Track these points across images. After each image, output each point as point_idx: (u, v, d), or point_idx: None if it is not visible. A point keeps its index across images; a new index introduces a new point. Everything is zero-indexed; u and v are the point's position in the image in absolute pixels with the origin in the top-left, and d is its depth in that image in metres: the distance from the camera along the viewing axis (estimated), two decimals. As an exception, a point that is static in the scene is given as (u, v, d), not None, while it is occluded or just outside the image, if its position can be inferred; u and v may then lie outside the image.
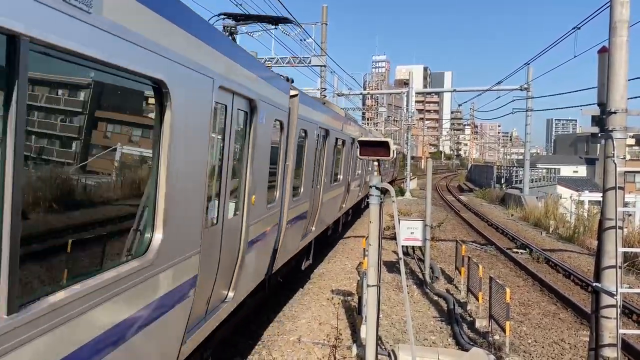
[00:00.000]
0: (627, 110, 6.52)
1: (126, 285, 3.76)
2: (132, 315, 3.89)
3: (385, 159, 6.30)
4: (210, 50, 5.12)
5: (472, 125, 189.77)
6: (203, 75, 4.91)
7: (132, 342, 3.94)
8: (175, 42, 4.28)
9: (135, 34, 3.64)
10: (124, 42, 3.51)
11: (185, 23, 4.47)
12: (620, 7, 6.49)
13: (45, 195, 3.15)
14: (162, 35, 4.05)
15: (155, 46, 3.94)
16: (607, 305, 6.46)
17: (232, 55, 5.83)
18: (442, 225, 23.97)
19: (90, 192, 3.65)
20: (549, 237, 24.60)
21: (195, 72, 4.73)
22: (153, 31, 3.90)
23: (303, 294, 12.20)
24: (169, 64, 4.16)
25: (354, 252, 17.27)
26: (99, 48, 3.24)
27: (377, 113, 76.85)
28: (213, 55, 5.19)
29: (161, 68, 4.04)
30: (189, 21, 4.59)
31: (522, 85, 36.01)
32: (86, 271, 3.46)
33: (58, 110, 3.31)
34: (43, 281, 3.08)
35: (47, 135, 3.19)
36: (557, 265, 17.18)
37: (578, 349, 9.75)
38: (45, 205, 3.15)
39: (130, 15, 3.59)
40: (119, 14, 3.45)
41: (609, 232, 6.47)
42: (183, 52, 4.43)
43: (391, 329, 10.06)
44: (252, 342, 9.04)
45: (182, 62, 4.42)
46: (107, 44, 3.33)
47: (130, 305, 3.87)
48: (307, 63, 27.79)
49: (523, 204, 35.90)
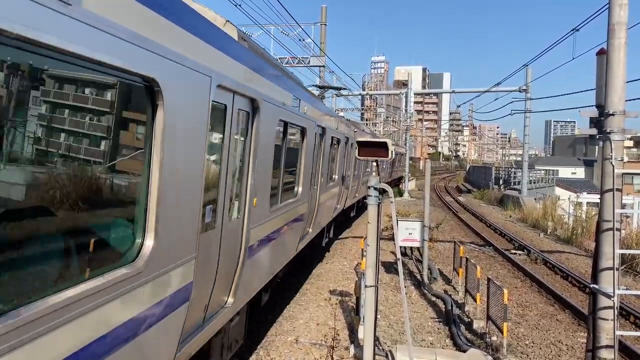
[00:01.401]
0: (625, 112, 6.53)
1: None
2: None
3: (384, 159, 6.29)
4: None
5: (471, 126, 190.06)
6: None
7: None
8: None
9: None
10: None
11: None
12: (618, 9, 6.50)
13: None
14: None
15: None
16: (605, 306, 6.46)
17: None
18: (441, 226, 23.97)
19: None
20: (547, 238, 24.63)
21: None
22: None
23: (301, 295, 12.20)
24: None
25: (352, 252, 17.28)
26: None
27: (375, 114, 76.90)
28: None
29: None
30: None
31: (520, 87, 36.01)
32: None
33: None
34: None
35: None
36: (555, 267, 17.20)
37: (575, 350, 9.77)
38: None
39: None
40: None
41: (607, 234, 6.48)
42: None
43: (389, 329, 10.06)
44: (250, 343, 9.03)
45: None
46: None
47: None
48: (306, 63, 27.81)
49: (521, 205, 35.93)
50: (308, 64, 28.93)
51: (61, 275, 3.23)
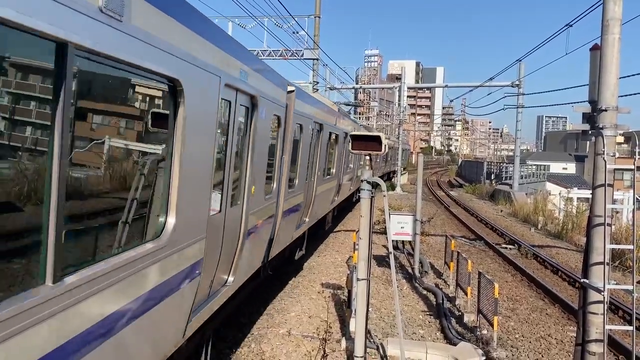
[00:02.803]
0: (618, 108, 6.55)
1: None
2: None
3: (377, 153, 6.29)
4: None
5: (463, 121, 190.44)
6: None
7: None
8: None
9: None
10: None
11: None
12: (612, 5, 6.50)
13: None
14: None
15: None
16: (595, 301, 6.51)
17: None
18: (432, 220, 24.07)
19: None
20: (537, 233, 24.78)
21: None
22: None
23: (293, 287, 12.21)
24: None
25: (344, 245, 17.30)
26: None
27: (369, 107, 76.84)
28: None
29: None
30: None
31: (513, 82, 36.06)
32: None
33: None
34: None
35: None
36: (545, 261, 17.32)
37: (564, 344, 9.85)
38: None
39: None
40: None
41: (598, 229, 6.51)
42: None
43: (380, 322, 10.10)
44: (242, 335, 9.04)
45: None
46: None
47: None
48: (299, 56, 27.72)
49: (512, 200, 36.11)
50: (301, 56, 28.83)
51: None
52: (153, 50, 4.03)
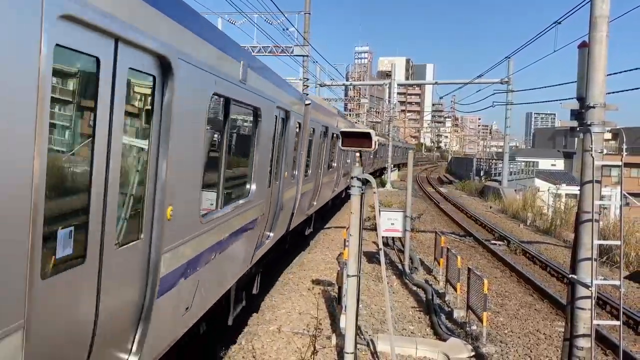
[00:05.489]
0: (606, 105, 6.60)
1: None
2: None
3: (368, 150, 6.29)
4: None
5: (453, 118, 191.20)
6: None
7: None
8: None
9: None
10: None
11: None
12: (600, 3, 6.55)
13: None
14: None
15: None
16: (582, 296, 6.57)
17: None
18: (422, 216, 24.16)
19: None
20: (526, 229, 24.95)
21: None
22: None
23: (283, 284, 12.20)
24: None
25: (335, 242, 17.32)
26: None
27: (359, 104, 76.81)
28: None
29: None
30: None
31: (502, 79, 36.21)
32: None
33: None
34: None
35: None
36: (534, 257, 17.45)
37: (553, 339, 9.94)
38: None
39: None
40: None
41: (586, 225, 6.57)
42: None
43: (370, 318, 10.13)
44: (232, 332, 9.02)
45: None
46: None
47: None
48: (289, 53, 27.62)
49: (502, 196, 36.34)
50: (292, 53, 28.74)
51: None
52: (256, 96, 7.66)
